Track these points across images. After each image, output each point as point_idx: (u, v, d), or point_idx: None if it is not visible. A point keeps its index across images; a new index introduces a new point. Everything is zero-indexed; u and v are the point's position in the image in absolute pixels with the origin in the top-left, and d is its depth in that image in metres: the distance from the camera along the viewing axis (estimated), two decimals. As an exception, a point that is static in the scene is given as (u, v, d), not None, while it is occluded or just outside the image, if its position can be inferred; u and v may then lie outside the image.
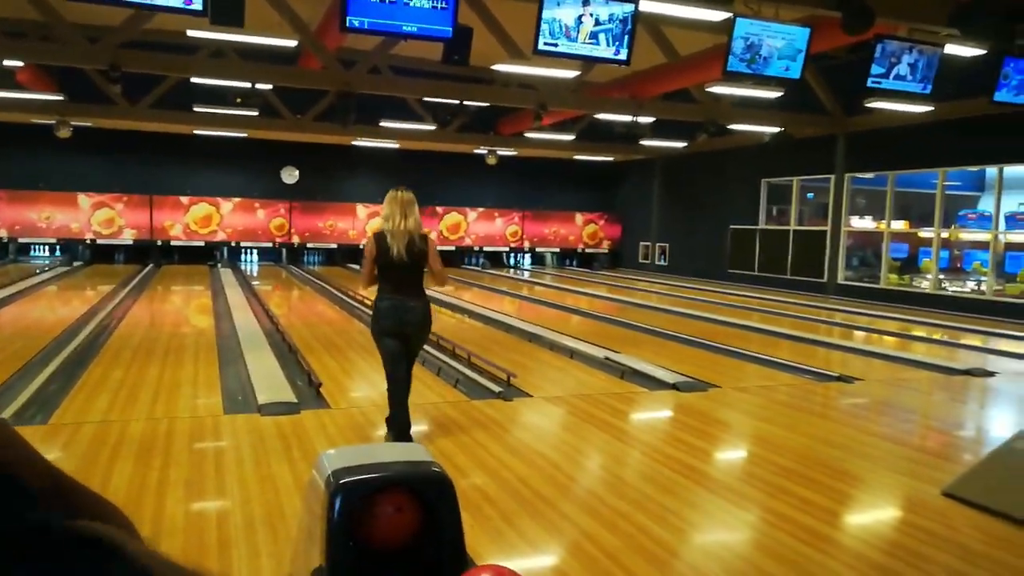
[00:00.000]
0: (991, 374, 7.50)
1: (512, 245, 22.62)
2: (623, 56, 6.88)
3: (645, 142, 17.49)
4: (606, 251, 23.44)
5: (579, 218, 23.11)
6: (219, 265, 18.46)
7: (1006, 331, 10.86)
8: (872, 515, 3.88)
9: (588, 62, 7.53)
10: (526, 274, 20.60)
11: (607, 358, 7.37)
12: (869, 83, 7.79)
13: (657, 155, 20.26)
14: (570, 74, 10.42)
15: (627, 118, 14.00)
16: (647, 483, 4.06)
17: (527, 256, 22.97)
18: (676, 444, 4.95)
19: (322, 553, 1.81)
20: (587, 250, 23.31)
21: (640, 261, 22.27)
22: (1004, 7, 6.93)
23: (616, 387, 6.38)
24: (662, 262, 21.31)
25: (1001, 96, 7.94)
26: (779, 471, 4.28)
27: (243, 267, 18.71)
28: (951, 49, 8.28)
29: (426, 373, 6.52)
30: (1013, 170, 13.38)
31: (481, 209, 22.08)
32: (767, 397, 6.31)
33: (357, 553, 1.80)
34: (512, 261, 22.81)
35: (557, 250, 23.12)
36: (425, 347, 7.47)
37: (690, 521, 3.58)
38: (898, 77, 7.77)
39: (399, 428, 4.40)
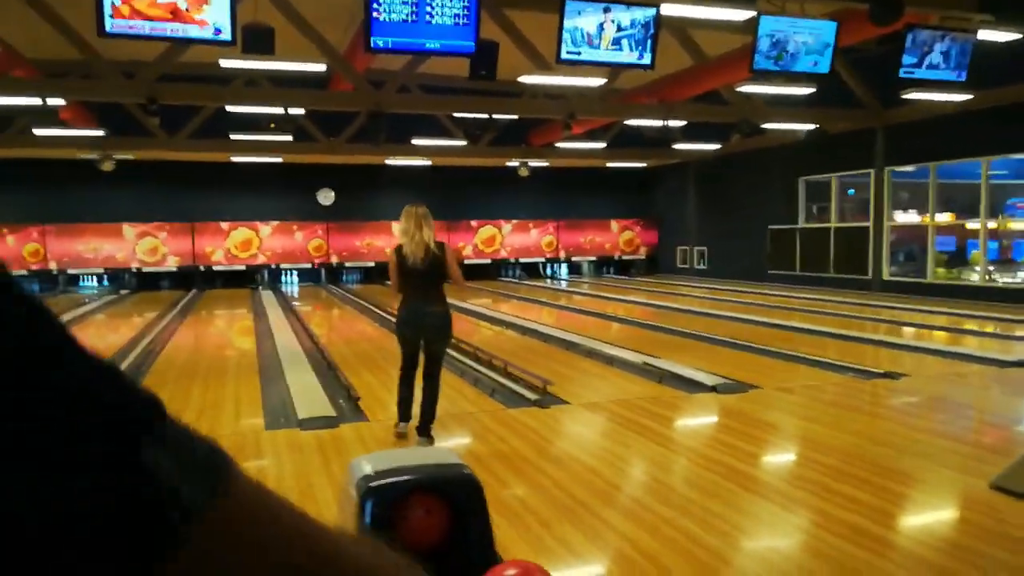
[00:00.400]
0: (1045, 365, 7.25)
1: (548, 255, 22.60)
2: (647, 60, 6.86)
3: (678, 146, 17.36)
4: (643, 257, 23.28)
5: (614, 225, 23.01)
6: (260, 288, 18.80)
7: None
8: (922, 511, 3.78)
9: (614, 68, 7.53)
10: (563, 284, 20.56)
11: (645, 363, 7.31)
12: (902, 73, 7.65)
13: (691, 158, 20.10)
14: (597, 82, 10.42)
15: (658, 123, 13.93)
16: (690, 487, 4.01)
17: (563, 266, 22.93)
18: (717, 446, 4.87)
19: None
20: (624, 257, 23.19)
21: (679, 266, 22.07)
22: (1039, -13, 6.75)
23: (654, 392, 6.32)
24: (701, 266, 21.09)
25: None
26: (825, 471, 4.19)
27: (284, 289, 19.02)
28: (985, 35, 8.09)
29: (463, 383, 6.54)
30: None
31: (515, 221, 22.13)
32: (811, 396, 6.19)
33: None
34: (548, 271, 22.80)
35: (593, 258, 23.04)
36: (462, 358, 7.53)
37: (736, 524, 3.51)
38: (931, 66, 7.61)
39: (403, 412, 4.84)
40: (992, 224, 14.85)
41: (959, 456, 4.47)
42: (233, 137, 14.51)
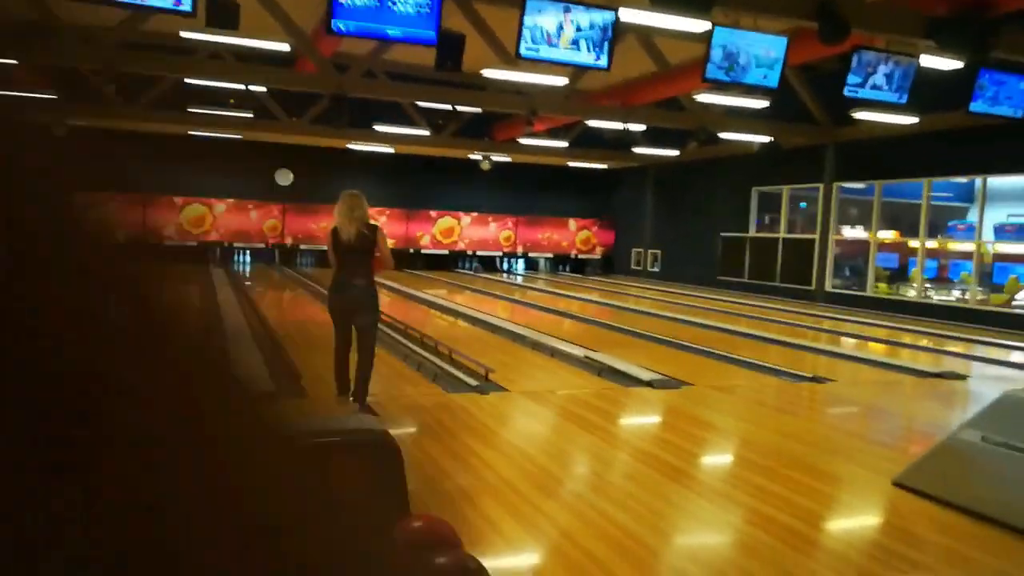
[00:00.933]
0: (963, 377, 7.64)
1: (505, 250, 22.76)
2: (603, 62, 7.04)
3: (638, 149, 17.68)
4: (599, 257, 23.60)
5: (572, 224, 23.27)
6: (213, 265, 18.59)
7: (986, 339, 11.02)
8: (847, 512, 3.96)
9: (575, 69, 7.69)
10: (519, 279, 20.73)
11: (587, 356, 7.50)
12: (846, 91, 7.97)
13: (650, 162, 20.43)
14: (560, 81, 10.58)
15: (619, 125, 14.18)
16: (627, 480, 4.18)
17: (520, 261, 23.11)
18: (656, 442, 5.07)
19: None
20: (580, 256, 23.47)
21: (632, 267, 22.42)
22: (979, 20, 7.10)
23: (592, 384, 6.51)
24: (655, 268, 21.47)
25: (977, 107, 8.12)
26: (759, 470, 4.38)
27: (236, 268, 18.82)
28: (929, 61, 8.46)
29: (405, 367, 6.65)
30: (1001, 181, 13.57)
31: (475, 214, 22.23)
32: (748, 397, 6.44)
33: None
34: (505, 266, 22.95)
35: (550, 255, 23.27)
36: (409, 343, 7.63)
37: (671, 521, 3.64)
38: (874, 87, 7.94)
39: (341, 385, 5.22)
40: (932, 244, 15.44)
41: (867, 455, 4.73)
42: (192, 111, 14.33)
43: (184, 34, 8.74)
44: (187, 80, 12.32)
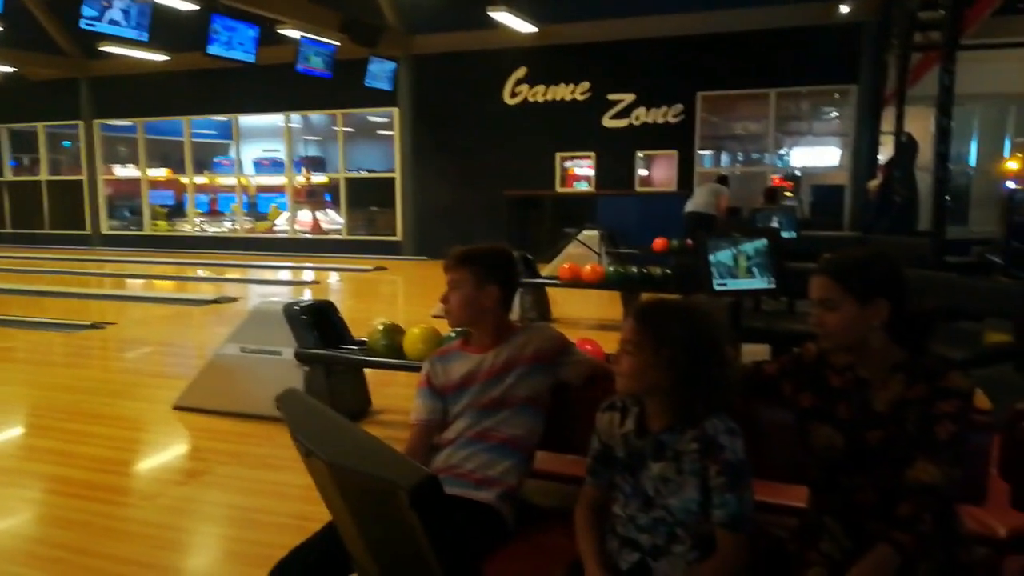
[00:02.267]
0: (234, 300, 8.49)
1: None
2: None
3: None
4: None
5: None
6: None
7: (257, 263, 12.40)
8: (127, 448, 3.93)
9: None
10: None
11: None
12: (83, 24, 7.61)
13: None
14: None
15: None
16: None
17: None
18: None
19: None
20: None
21: None
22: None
23: None
24: None
25: (214, 50, 8.73)
26: (44, 433, 4.08)
27: None
28: (167, 0, 8.75)
29: None
30: (253, 119, 15.03)
31: None
32: (23, 359, 5.89)
33: None
34: None
35: None
36: None
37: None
38: (113, 21, 7.78)
39: None
40: (202, 179, 16.30)
41: (146, 388, 4.89)
42: None
43: None
44: None
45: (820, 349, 1.57)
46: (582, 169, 12.18)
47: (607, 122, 11.79)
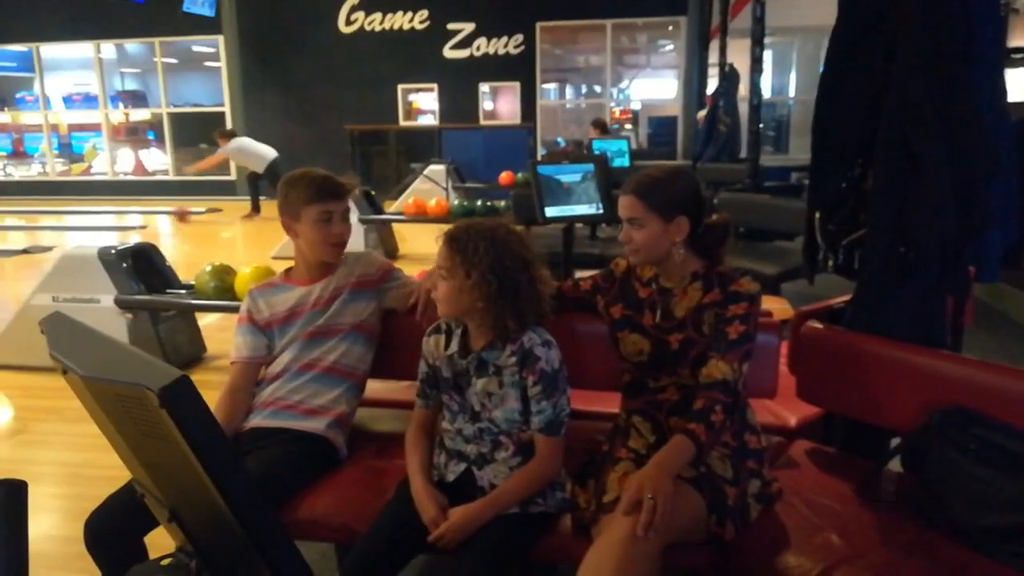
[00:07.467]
0: (49, 249, 7.76)
1: None
2: None
3: None
4: None
5: None
6: None
7: (73, 208, 11.36)
8: None
9: None
10: None
11: None
12: None
13: None
14: None
15: None
16: None
17: None
18: None
19: None
20: None
21: None
22: None
23: None
24: None
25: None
26: None
27: None
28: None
29: None
30: (60, 50, 13.48)
31: None
32: None
33: None
34: None
35: None
36: None
37: None
38: None
39: None
40: (4, 118, 14.57)
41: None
42: None
43: None
44: None
45: (629, 264, 1.66)
46: (426, 103, 11.96)
47: (448, 53, 11.59)
